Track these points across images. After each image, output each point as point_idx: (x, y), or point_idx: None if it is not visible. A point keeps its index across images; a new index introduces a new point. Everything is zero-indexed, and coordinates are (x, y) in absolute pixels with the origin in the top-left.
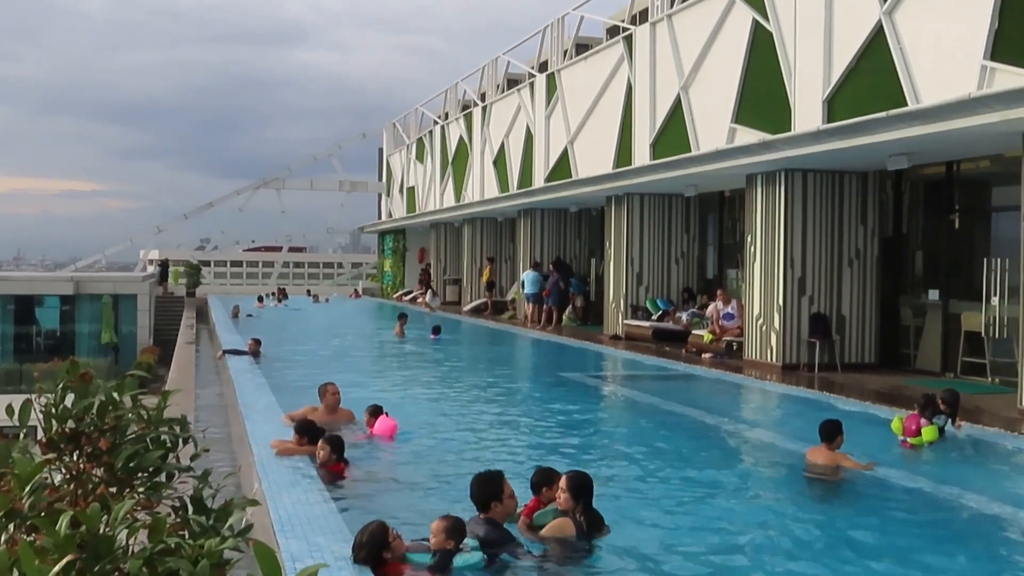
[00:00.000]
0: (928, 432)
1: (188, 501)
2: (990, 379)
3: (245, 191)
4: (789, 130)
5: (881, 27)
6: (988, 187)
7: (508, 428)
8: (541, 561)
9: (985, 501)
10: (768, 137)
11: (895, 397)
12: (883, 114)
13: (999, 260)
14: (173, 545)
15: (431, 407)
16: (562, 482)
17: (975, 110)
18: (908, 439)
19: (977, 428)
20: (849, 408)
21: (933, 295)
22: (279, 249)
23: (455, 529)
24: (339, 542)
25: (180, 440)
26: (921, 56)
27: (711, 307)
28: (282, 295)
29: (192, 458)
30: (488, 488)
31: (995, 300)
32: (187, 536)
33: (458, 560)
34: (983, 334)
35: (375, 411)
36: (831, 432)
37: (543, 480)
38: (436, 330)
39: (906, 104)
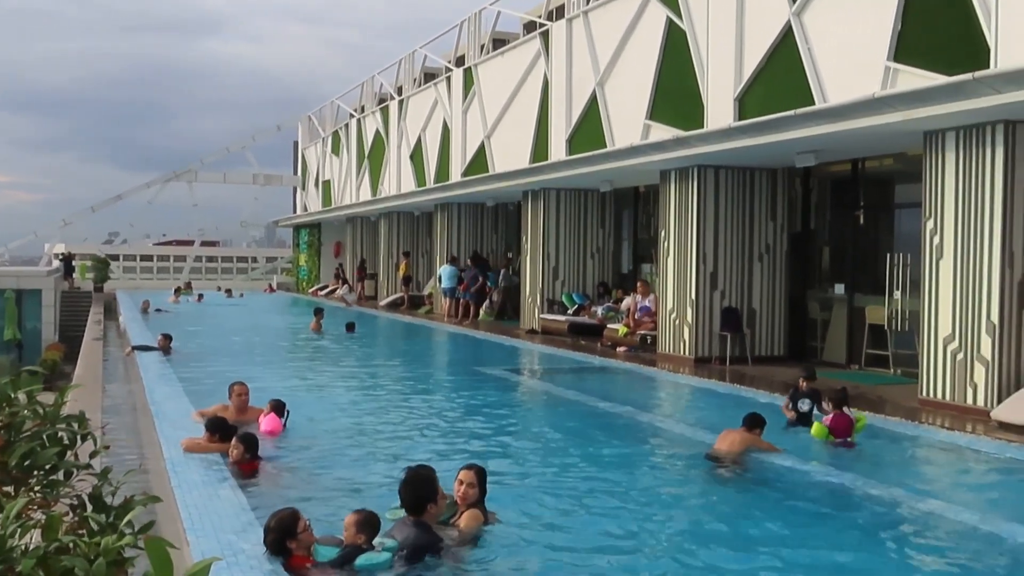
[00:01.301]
0: (815, 429)
1: (87, 499)
2: (893, 370)
3: (155, 183)
4: (702, 127)
5: (790, 28)
6: (892, 184)
7: (424, 423)
8: (466, 559)
9: (884, 488)
10: (681, 134)
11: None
12: (791, 112)
13: (901, 255)
14: (69, 544)
15: (346, 403)
16: (470, 476)
17: (878, 110)
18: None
19: (879, 418)
20: (759, 399)
21: (839, 289)
22: (191, 243)
23: (367, 524)
24: (251, 540)
25: (78, 437)
26: (828, 56)
27: (629, 299)
28: (187, 289)
29: (91, 455)
30: (423, 489)
31: (897, 294)
32: (86, 535)
33: (362, 559)
34: (886, 327)
35: (277, 406)
36: (755, 422)
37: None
38: (350, 327)
39: (814, 103)
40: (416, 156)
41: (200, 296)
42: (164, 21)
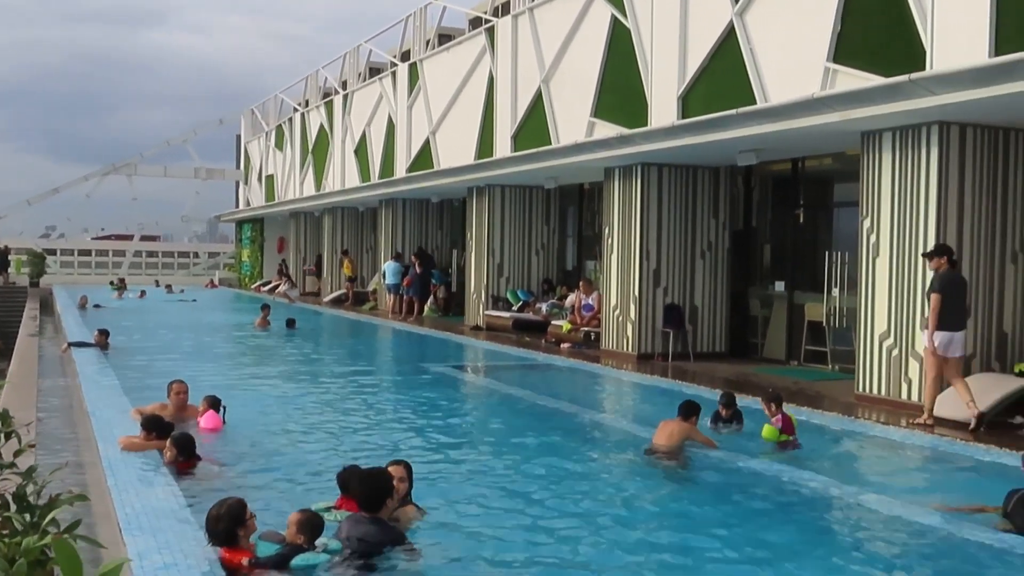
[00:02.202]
0: (767, 431)
1: (10, 499)
2: (831, 367)
3: (94, 177)
4: (646, 125)
5: (733, 28)
6: (831, 183)
7: (368, 420)
8: (414, 555)
9: (822, 481)
10: (625, 132)
11: (743, 384)
12: (733, 111)
13: (839, 253)
14: None
15: (287, 400)
16: (400, 471)
17: (818, 110)
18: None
19: (817, 413)
20: (700, 395)
21: (779, 287)
22: (130, 238)
23: (308, 524)
24: (188, 540)
25: (2, 435)
26: (769, 57)
27: (572, 297)
28: (120, 285)
29: (16, 454)
30: (381, 485)
31: (835, 291)
32: (8, 535)
33: (299, 559)
34: (824, 324)
35: (213, 402)
36: (690, 410)
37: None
38: (290, 323)
39: (755, 102)
40: (361, 151)
41: (143, 292)
42: (106, 12)
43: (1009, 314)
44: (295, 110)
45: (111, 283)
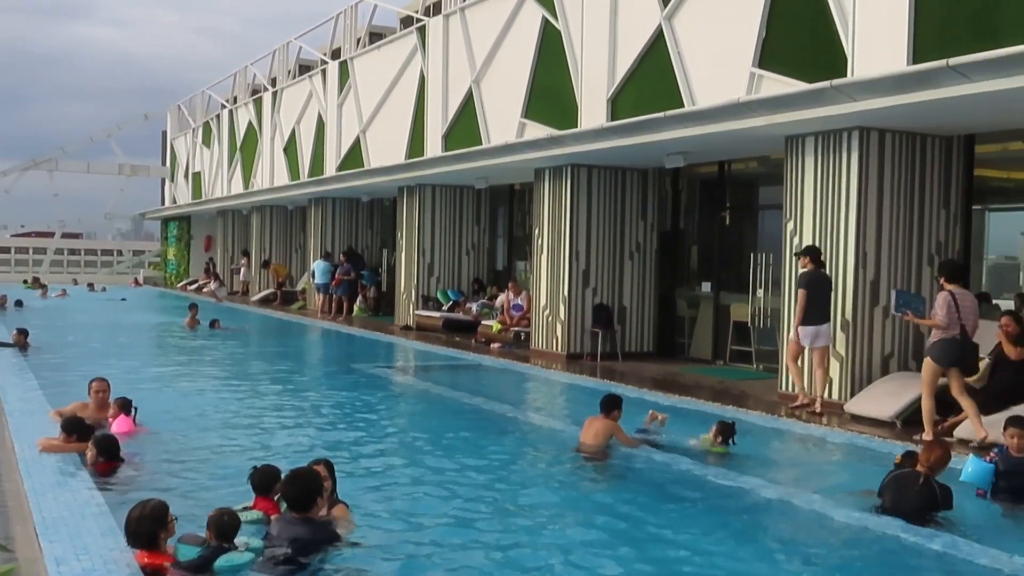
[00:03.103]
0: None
1: None
2: (755, 366)
3: (12, 172)
4: (575, 127)
5: (661, 32)
6: (756, 186)
7: (294, 421)
8: (347, 554)
9: (745, 479)
10: (555, 133)
11: (670, 384)
12: (661, 115)
13: (764, 255)
14: None
15: (213, 401)
16: (323, 471)
17: (743, 114)
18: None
19: (741, 412)
20: (628, 394)
21: (706, 287)
22: (51, 235)
23: (223, 524)
24: (108, 545)
25: None
26: (697, 61)
27: (502, 297)
28: (35, 284)
29: None
30: (311, 485)
31: (760, 292)
32: None
33: (222, 560)
34: (749, 324)
35: (123, 405)
36: (611, 404)
37: (273, 479)
38: (214, 322)
39: (683, 106)
40: (290, 149)
41: (64, 291)
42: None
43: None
44: (223, 107)
45: (24, 282)
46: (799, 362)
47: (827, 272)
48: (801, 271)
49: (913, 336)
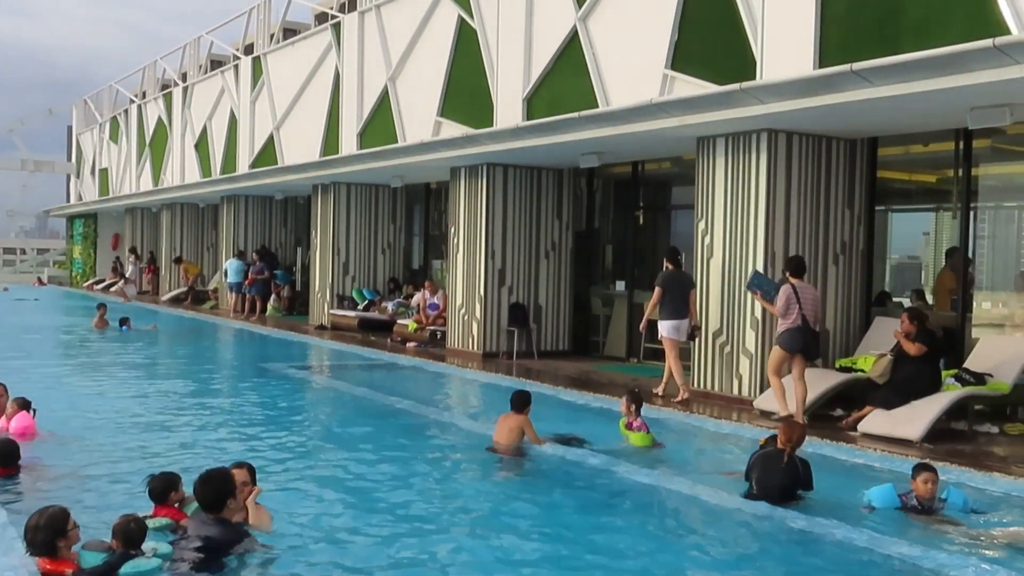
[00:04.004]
0: (638, 438)
1: None
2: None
3: None
4: (491, 126)
5: (576, 33)
6: (669, 187)
7: (205, 422)
8: (262, 555)
9: (654, 476)
10: (471, 132)
11: (585, 382)
12: (575, 115)
13: None
14: None
15: (120, 403)
16: (244, 474)
17: (656, 115)
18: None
19: (654, 409)
20: (544, 392)
21: (620, 286)
22: None
23: (130, 530)
24: (4, 552)
25: None
26: (611, 62)
27: (418, 296)
28: None
29: None
30: (223, 486)
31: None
32: None
33: (128, 566)
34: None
35: (23, 404)
36: (522, 401)
37: (170, 486)
38: (124, 321)
39: (597, 106)
40: (201, 146)
41: None
42: None
43: (831, 313)
44: (131, 101)
45: None
46: (678, 354)
47: (687, 272)
48: (662, 272)
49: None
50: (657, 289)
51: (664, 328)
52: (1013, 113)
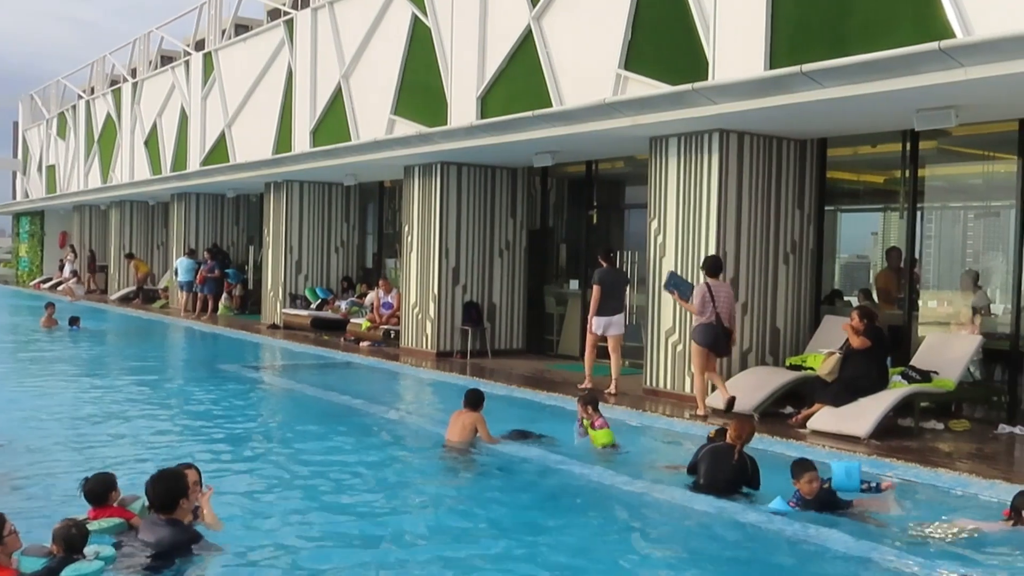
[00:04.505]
0: (602, 435)
1: None
2: (623, 362)
3: None
4: (445, 124)
5: (530, 31)
6: (622, 186)
7: (155, 422)
8: (213, 556)
9: (605, 473)
10: (425, 130)
11: (539, 381)
12: (529, 114)
13: (630, 253)
14: None
15: (67, 403)
16: (195, 475)
17: (609, 115)
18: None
19: (607, 407)
20: (497, 391)
21: (574, 285)
22: None
23: (70, 535)
24: None
25: None
26: (565, 61)
27: (371, 295)
28: None
29: None
30: (175, 485)
31: (627, 290)
32: None
33: (69, 570)
34: None
35: None
36: (476, 399)
37: (109, 487)
38: (74, 321)
39: (551, 105)
40: (151, 142)
41: None
42: None
43: (781, 311)
44: (80, 97)
45: None
46: (594, 349)
47: (621, 270)
48: (598, 269)
49: (769, 331)
50: (596, 287)
51: (599, 324)
52: (958, 115)
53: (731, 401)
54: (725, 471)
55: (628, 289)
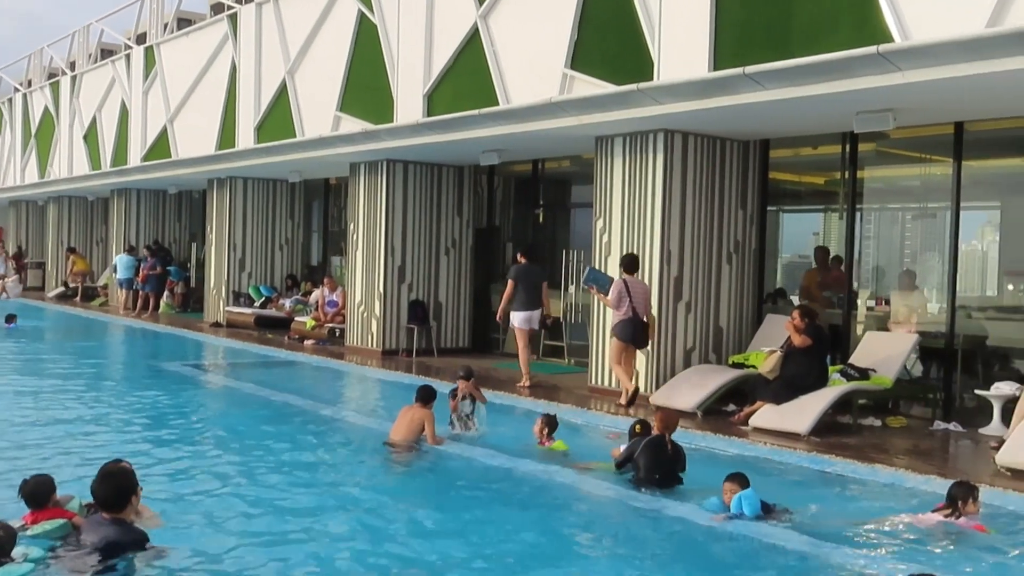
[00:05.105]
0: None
1: None
2: (567, 360)
3: None
4: (391, 121)
5: (477, 30)
6: (568, 185)
7: (93, 423)
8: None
9: (550, 471)
10: (371, 127)
11: (485, 379)
12: (476, 112)
13: (576, 252)
14: None
15: (5, 402)
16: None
17: (555, 114)
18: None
19: (553, 404)
20: (443, 390)
21: None
22: None
23: (2, 538)
24: None
25: None
26: (511, 60)
27: (316, 293)
28: None
29: None
30: (125, 483)
31: (572, 289)
32: None
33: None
34: (562, 319)
35: None
36: (428, 395)
37: (49, 488)
38: (10, 318)
39: (498, 103)
40: (91, 137)
41: None
42: None
43: (724, 310)
44: (16, 90)
45: None
46: (528, 343)
47: (540, 266)
48: (513, 265)
49: (713, 330)
50: (510, 282)
51: (516, 319)
52: (896, 118)
53: (635, 394)
54: (665, 462)
55: (545, 286)
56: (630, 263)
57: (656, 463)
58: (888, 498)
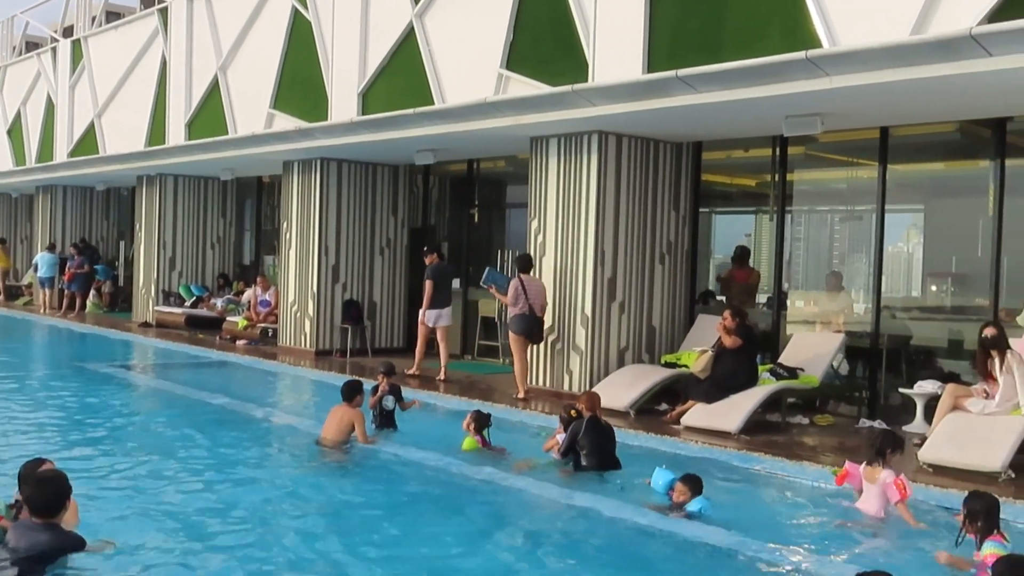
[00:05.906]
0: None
1: None
2: (501, 360)
3: None
4: (326, 119)
5: (413, 28)
6: (504, 185)
7: (14, 425)
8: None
9: (479, 472)
10: (304, 125)
11: (420, 379)
12: (411, 111)
13: (512, 252)
14: None
15: None
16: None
17: (490, 114)
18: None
19: (487, 404)
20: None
21: (455, 283)
22: None
23: None
24: None
25: None
26: (447, 59)
27: (248, 292)
28: None
29: None
30: (62, 487)
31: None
32: None
33: None
34: (496, 320)
35: None
36: (352, 391)
37: None
38: None
39: (433, 103)
40: (15, 132)
41: None
42: None
43: (657, 310)
44: None
45: None
46: (426, 340)
47: (449, 264)
48: (429, 265)
49: (646, 330)
50: (429, 282)
51: (429, 316)
52: (824, 122)
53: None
54: (609, 443)
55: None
56: (525, 263)
57: (601, 442)
58: (815, 494)
